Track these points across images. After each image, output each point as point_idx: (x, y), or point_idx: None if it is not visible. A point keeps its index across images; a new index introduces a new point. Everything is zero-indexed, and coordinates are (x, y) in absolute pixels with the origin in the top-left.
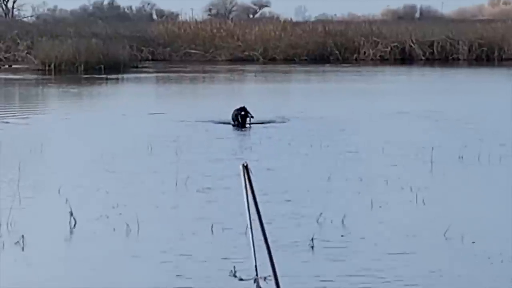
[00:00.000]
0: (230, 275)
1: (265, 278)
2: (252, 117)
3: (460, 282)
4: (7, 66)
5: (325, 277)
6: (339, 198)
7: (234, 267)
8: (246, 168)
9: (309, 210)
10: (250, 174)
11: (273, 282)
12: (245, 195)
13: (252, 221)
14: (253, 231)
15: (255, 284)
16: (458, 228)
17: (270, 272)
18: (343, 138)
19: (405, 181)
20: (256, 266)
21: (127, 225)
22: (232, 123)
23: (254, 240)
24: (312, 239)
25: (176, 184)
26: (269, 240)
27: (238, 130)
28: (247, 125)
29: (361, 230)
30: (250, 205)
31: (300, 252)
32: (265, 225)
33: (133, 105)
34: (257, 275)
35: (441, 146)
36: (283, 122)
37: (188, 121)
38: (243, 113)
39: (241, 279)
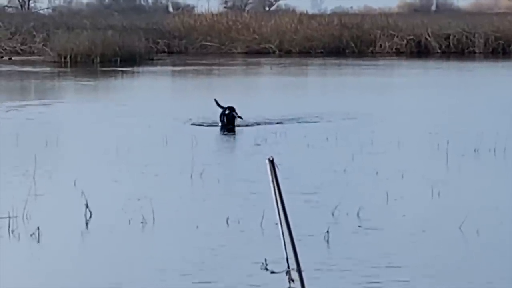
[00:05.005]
0: (261, 268)
1: (296, 271)
2: (240, 117)
3: (476, 275)
4: (6, 58)
5: (341, 270)
6: (355, 191)
7: (266, 259)
8: (272, 162)
9: (325, 203)
10: (276, 169)
11: (300, 275)
12: (272, 190)
13: (279, 214)
14: (282, 226)
15: (287, 276)
16: (473, 221)
17: (294, 265)
18: (358, 132)
19: (421, 174)
20: (287, 259)
21: (143, 217)
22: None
23: (283, 233)
24: (328, 231)
25: (192, 177)
26: (293, 234)
27: (226, 133)
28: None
29: (377, 223)
30: (277, 199)
31: (315, 245)
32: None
33: (149, 97)
34: (288, 267)
35: (457, 139)
36: (297, 121)
37: (204, 114)
38: (228, 112)
39: (273, 272)
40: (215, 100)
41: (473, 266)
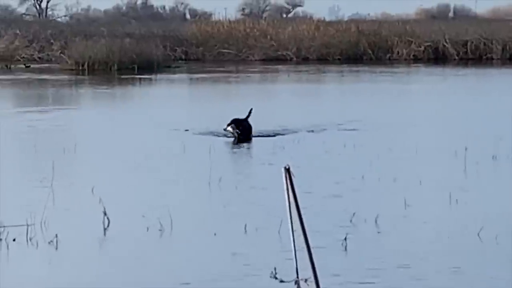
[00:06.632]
0: (271, 277)
1: (306, 280)
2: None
3: (495, 282)
4: (23, 65)
5: (359, 277)
6: (373, 198)
7: (275, 268)
8: (288, 170)
9: (343, 210)
10: (292, 177)
11: (313, 284)
12: (286, 198)
13: (292, 223)
14: (294, 233)
15: (296, 286)
16: (492, 228)
17: (309, 274)
18: (376, 139)
19: (439, 181)
20: (297, 268)
21: (161, 224)
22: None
23: (295, 242)
24: (345, 238)
25: (209, 184)
26: (310, 242)
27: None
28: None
29: (395, 230)
30: (291, 208)
31: (333, 252)
32: (305, 227)
33: (167, 105)
34: (298, 277)
35: (475, 146)
36: (315, 128)
37: (221, 122)
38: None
39: (282, 281)
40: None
41: (492, 273)
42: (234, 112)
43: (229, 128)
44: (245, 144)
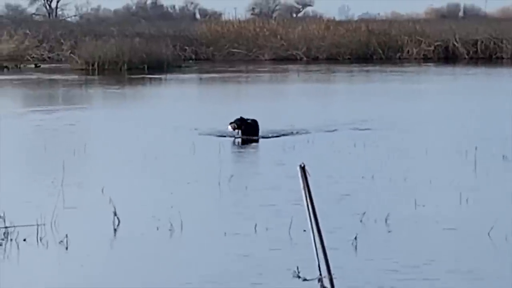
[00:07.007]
0: (293, 276)
1: (329, 278)
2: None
3: (506, 281)
4: (34, 65)
5: (369, 278)
6: (383, 198)
7: (298, 267)
8: (303, 169)
9: (353, 209)
10: (308, 176)
11: (335, 281)
12: (304, 196)
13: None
14: (314, 233)
15: (319, 283)
16: (502, 227)
17: (325, 272)
18: (386, 138)
19: (449, 181)
20: (319, 266)
21: (171, 224)
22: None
23: (315, 240)
24: (356, 238)
25: (219, 184)
26: (324, 241)
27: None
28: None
29: (404, 229)
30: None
31: (343, 252)
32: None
33: (177, 105)
34: (320, 274)
35: (485, 145)
36: (325, 128)
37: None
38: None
39: (305, 279)
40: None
41: (504, 273)
42: (244, 113)
43: (229, 127)
44: (254, 144)
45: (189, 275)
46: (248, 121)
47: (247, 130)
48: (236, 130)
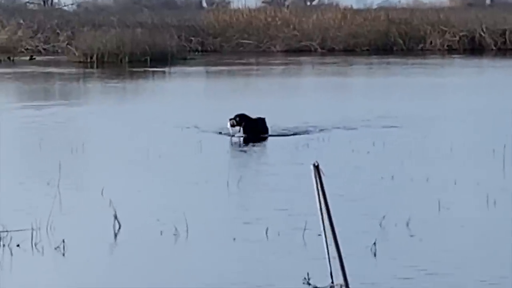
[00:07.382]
0: (303, 283)
1: (341, 286)
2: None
3: None
4: (28, 58)
5: (388, 286)
6: (404, 200)
7: (308, 274)
8: (317, 168)
9: (371, 213)
10: (322, 175)
11: None
12: (317, 197)
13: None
14: (326, 237)
15: None
16: None
17: (338, 280)
18: (407, 136)
19: (475, 181)
20: (331, 273)
21: (176, 228)
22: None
23: (327, 246)
24: (375, 243)
25: (228, 185)
26: (340, 246)
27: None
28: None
29: (427, 234)
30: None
31: (361, 258)
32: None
33: (182, 101)
34: (332, 282)
35: None
36: (341, 125)
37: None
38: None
39: (315, 287)
40: None
41: None
42: (254, 109)
43: (228, 124)
44: (264, 143)
45: (196, 283)
46: (250, 117)
47: (249, 128)
48: (237, 127)
